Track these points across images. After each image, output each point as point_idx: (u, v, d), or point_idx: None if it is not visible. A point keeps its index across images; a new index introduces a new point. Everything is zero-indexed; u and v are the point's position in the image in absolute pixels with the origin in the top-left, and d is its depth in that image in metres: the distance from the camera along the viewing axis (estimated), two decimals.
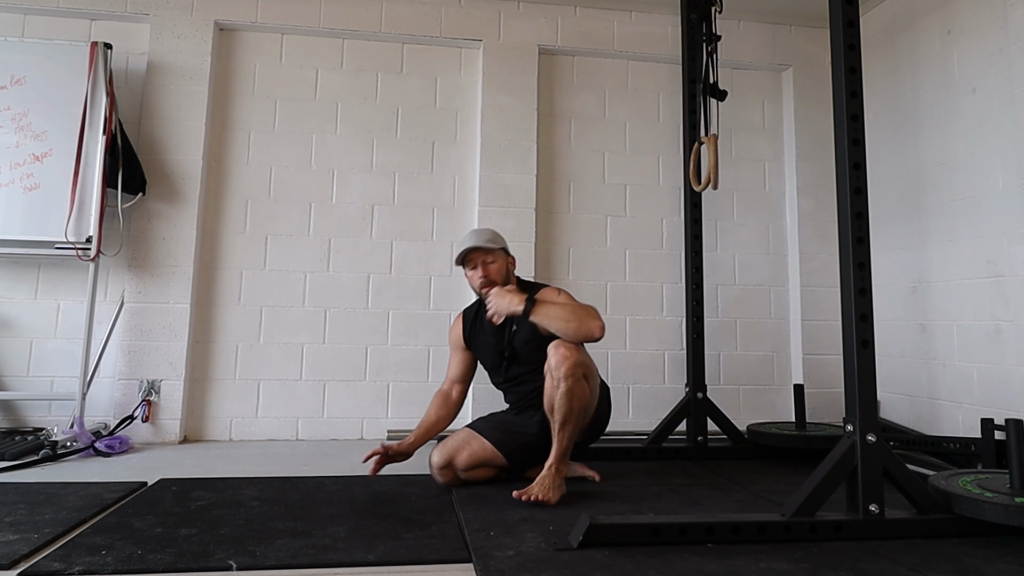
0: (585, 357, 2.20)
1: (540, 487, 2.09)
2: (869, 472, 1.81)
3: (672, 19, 3.66)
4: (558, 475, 2.13)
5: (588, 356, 2.24)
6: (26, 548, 1.62)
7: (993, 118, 2.82)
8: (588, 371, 2.20)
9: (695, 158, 3.03)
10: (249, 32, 3.43)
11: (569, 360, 2.11)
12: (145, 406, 3.04)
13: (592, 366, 2.26)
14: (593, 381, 2.25)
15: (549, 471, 2.13)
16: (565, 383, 2.10)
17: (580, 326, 2.12)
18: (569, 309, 2.17)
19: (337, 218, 3.38)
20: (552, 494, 2.07)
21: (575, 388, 2.11)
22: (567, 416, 2.12)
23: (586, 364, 2.19)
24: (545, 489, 2.08)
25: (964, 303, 2.93)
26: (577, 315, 2.14)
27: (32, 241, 2.89)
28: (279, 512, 1.97)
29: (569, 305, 2.22)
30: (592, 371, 2.25)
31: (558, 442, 2.14)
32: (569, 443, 2.16)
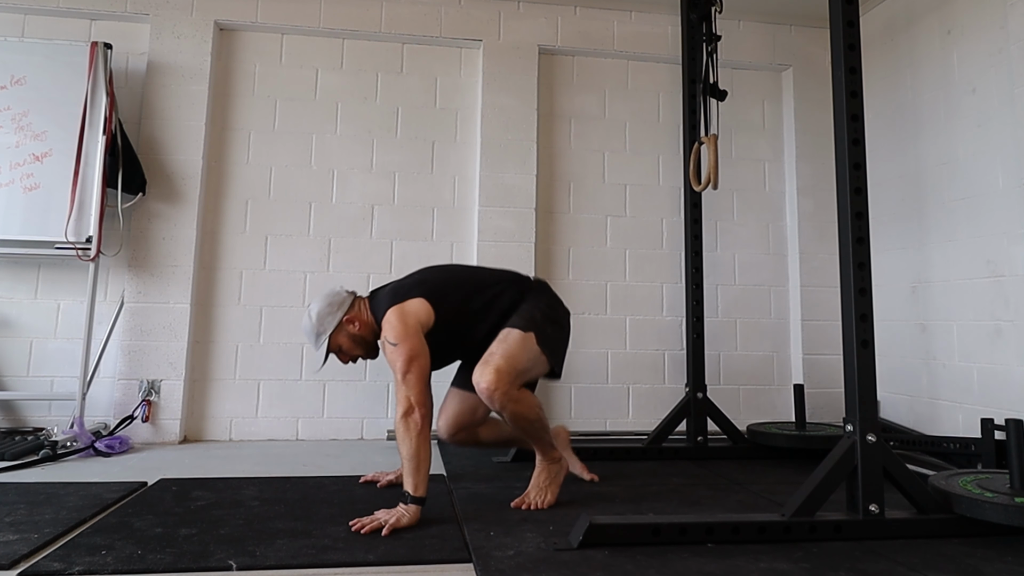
0: (504, 377, 1.98)
1: (535, 491, 2.08)
2: (869, 472, 1.81)
3: (672, 19, 3.66)
4: (550, 467, 2.12)
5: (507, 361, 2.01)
6: (26, 548, 1.62)
7: (993, 118, 2.82)
8: (512, 387, 2.00)
9: (695, 158, 3.03)
10: (249, 32, 3.43)
11: (489, 393, 1.96)
12: (145, 406, 3.04)
13: (516, 367, 2.02)
14: (523, 393, 2.06)
15: (540, 469, 2.13)
16: (505, 412, 2.02)
17: (410, 448, 1.90)
18: (408, 451, 1.90)
19: (337, 218, 3.38)
20: (548, 496, 2.07)
21: (516, 410, 2.01)
22: (527, 429, 2.07)
23: (510, 382, 1.99)
24: (541, 492, 2.08)
25: (964, 303, 2.93)
26: (412, 449, 1.90)
27: (32, 241, 2.89)
28: (279, 512, 1.97)
29: (404, 449, 1.92)
30: (519, 374, 2.04)
31: (536, 447, 2.14)
32: (545, 437, 2.12)
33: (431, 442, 1.96)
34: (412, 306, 2.07)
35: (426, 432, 1.92)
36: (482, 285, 2.20)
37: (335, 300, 2.19)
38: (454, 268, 2.33)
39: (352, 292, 2.24)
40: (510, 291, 2.20)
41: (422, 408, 1.92)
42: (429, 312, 2.08)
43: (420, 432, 1.90)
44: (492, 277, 2.26)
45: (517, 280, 2.26)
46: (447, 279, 2.21)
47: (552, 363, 2.16)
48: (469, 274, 2.28)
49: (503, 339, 2.07)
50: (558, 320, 2.22)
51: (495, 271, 2.32)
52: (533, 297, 2.21)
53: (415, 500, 1.87)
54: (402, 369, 1.97)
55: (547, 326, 2.14)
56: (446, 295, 2.14)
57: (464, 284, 2.20)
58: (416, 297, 2.09)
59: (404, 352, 1.98)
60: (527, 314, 2.14)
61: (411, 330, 2.02)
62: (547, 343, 2.12)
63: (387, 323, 2.05)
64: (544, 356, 2.11)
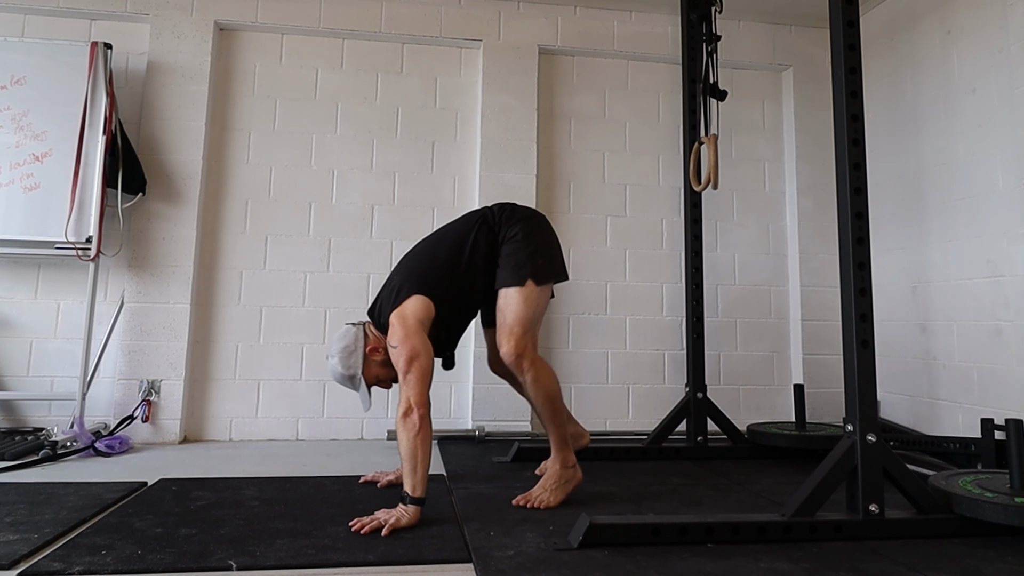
0: (521, 338, 2.08)
1: (540, 490, 2.08)
2: (869, 472, 1.81)
3: (672, 19, 3.66)
4: (562, 472, 2.12)
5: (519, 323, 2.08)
6: (26, 548, 1.62)
7: (993, 118, 2.82)
8: (532, 344, 2.11)
9: (695, 158, 3.03)
10: (249, 32, 3.43)
11: (511, 358, 2.07)
12: (145, 406, 3.04)
13: (528, 320, 2.10)
14: (545, 366, 2.15)
15: (552, 470, 2.13)
16: (527, 377, 2.09)
17: (409, 449, 1.91)
18: (406, 451, 1.91)
19: (337, 218, 3.38)
20: (552, 497, 2.07)
21: (536, 376, 2.09)
22: (545, 406, 2.11)
23: (529, 339, 2.09)
24: (545, 492, 2.07)
25: (964, 303, 2.93)
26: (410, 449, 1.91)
27: (32, 241, 2.89)
28: (279, 512, 1.97)
29: (405, 449, 1.92)
30: (533, 324, 2.13)
31: (552, 439, 2.14)
32: (561, 430, 2.13)
33: (431, 442, 1.96)
34: (410, 306, 2.08)
35: (424, 433, 1.92)
36: (457, 247, 2.19)
37: (349, 339, 2.20)
38: (424, 247, 2.28)
39: (357, 323, 2.26)
40: (482, 236, 2.20)
41: (420, 408, 1.93)
42: (428, 305, 2.10)
43: (418, 433, 1.90)
44: (459, 233, 2.23)
45: (480, 220, 2.23)
46: (426, 262, 2.20)
47: (556, 281, 2.21)
48: (440, 244, 2.24)
49: (505, 303, 2.12)
50: (540, 242, 2.20)
51: (456, 225, 2.28)
52: (506, 231, 2.20)
53: (414, 501, 1.87)
54: (403, 369, 1.98)
55: (535, 259, 2.15)
56: (433, 278, 2.15)
57: (443, 258, 2.19)
58: (410, 296, 2.10)
59: (404, 352, 1.99)
60: (512, 261, 2.14)
61: (411, 330, 2.03)
62: (542, 274, 2.15)
63: (391, 329, 2.08)
64: (547, 286, 2.17)
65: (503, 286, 2.13)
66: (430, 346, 2.05)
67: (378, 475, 2.37)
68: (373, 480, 2.35)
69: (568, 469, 2.13)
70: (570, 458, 2.14)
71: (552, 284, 2.21)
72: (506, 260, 2.16)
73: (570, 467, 2.14)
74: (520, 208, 2.29)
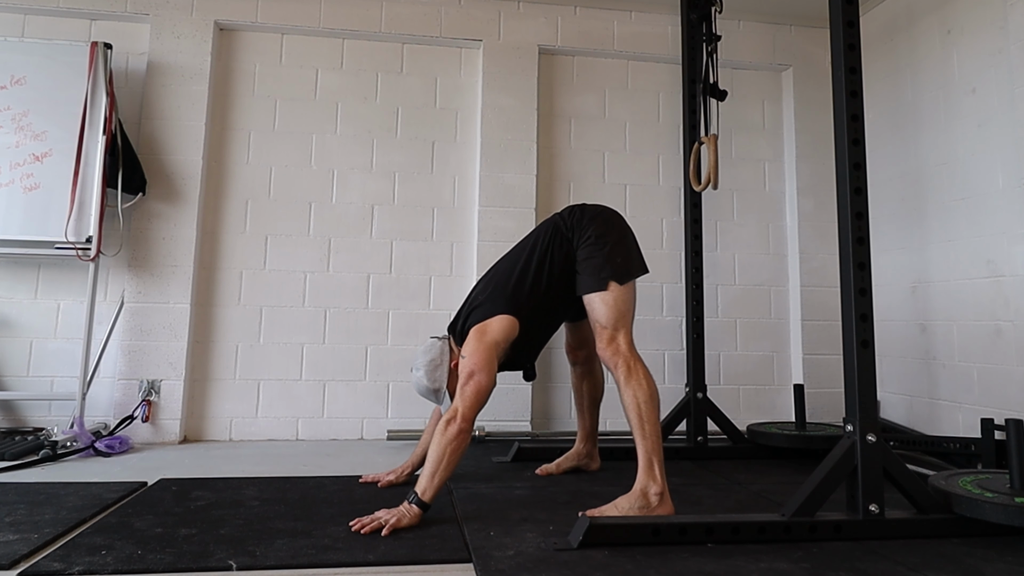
0: (616, 338, 2.06)
1: (612, 508, 1.91)
2: (869, 472, 1.81)
3: (672, 19, 3.66)
4: (639, 499, 1.91)
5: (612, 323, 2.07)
6: (26, 548, 1.62)
7: (993, 118, 2.82)
8: (629, 342, 2.08)
9: (695, 158, 3.03)
10: (249, 32, 3.43)
11: (611, 359, 2.04)
12: (145, 406, 3.04)
13: (620, 319, 2.09)
14: (645, 371, 2.06)
15: (633, 491, 1.93)
16: (622, 378, 2.01)
17: (438, 453, 1.91)
18: (434, 454, 1.92)
19: (337, 218, 3.38)
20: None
21: (629, 378, 2.00)
22: (630, 408, 1.98)
23: (624, 336, 2.07)
24: (612, 512, 1.89)
25: (964, 303, 2.93)
26: (438, 454, 1.91)
27: (32, 241, 2.89)
28: (279, 512, 1.97)
29: (433, 452, 1.93)
30: (626, 321, 2.11)
31: (638, 451, 1.96)
32: (649, 445, 1.94)
33: (460, 457, 1.95)
34: (494, 324, 2.11)
35: (458, 445, 1.92)
36: (536, 263, 2.20)
37: (435, 353, 2.22)
38: (505, 265, 2.28)
39: (441, 337, 2.28)
40: (556, 246, 2.20)
41: (465, 423, 1.93)
42: (513, 324, 2.12)
43: (453, 442, 1.91)
44: (536, 247, 2.23)
45: (553, 230, 2.24)
46: (509, 280, 2.20)
47: (637, 276, 2.17)
48: (520, 261, 2.23)
49: (591, 308, 2.11)
50: (614, 240, 2.17)
51: (532, 239, 2.28)
52: (579, 235, 2.19)
53: (420, 504, 1.87)
54: (462, 381, 2.01)
55: (613, 258, 2.13)
56: (517, 296, 2.16)
57: (524, 275, 2.19)
58: (497, 315, 2.12)
59: (468, 366, 2.02)
60: (590, 266, 2.14)
61: (484, 347, 2.05)
62: (622, 273, 2.12)
63: (468, 339, 2.11)
64: (630, 282, 2.14)
65: (586, 292, 2.13)
66: (495, 368, 2.06)
67: (378, 475, 2.37)
68: (373, 480, 2.35)
69: (648, 496, 1.90)
70: (654, 484, 1.91)
71: (635, 279, 2.18)
72: (584, 265, 2.16)
73: (653, 494, 1.90)
74: (589, 208, 2.27)
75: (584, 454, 2.58)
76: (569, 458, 2.56)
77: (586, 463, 2.58)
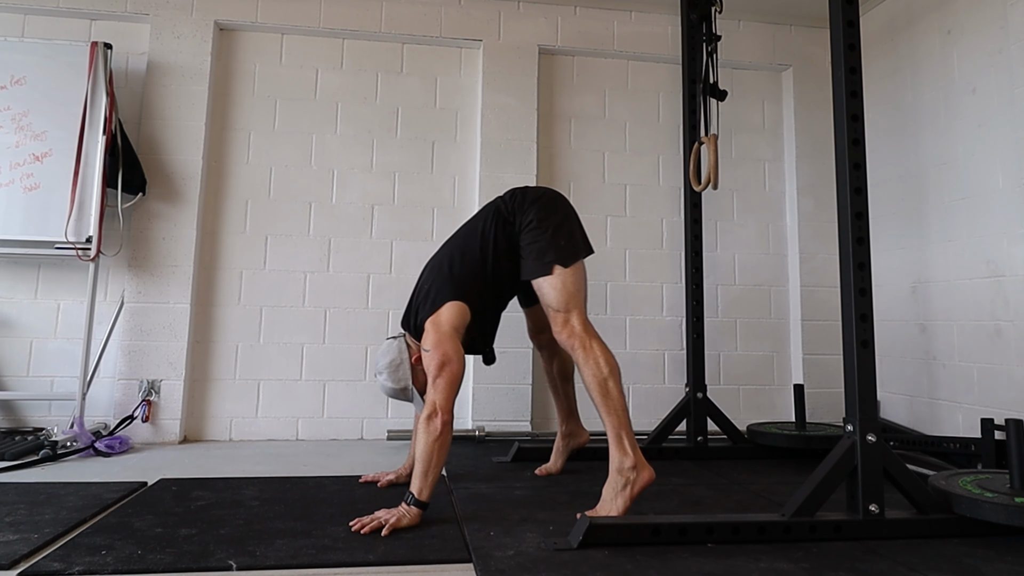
0: (568, 318, 2.06)
1: (601, 504, 1.92)
2: (869, 472, 1.81)
3: (672, 19, 3.66)
4: (616, 478, 1.91)
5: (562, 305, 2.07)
6: (26, 548, 1.62)
7: (993, 118, 2.82)
8: (583, 321, 2.07)
9: (695, 158, 3.03)
10: (249, 32, 3.43)
11: (566, 340, 2.03)
12: (145, 406, 3.04)
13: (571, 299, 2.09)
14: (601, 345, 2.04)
15: (610, 477, 1.94)
16: (576, 356, 2.01)
17: (425, 452, 1.90)
18: (421, 453, 1.91)
19: (337, 218, 3.38)
20: (613, 508, 1.89)
21: (587, 357, 1.99)
22: (592, 386, 1.97)
23: (578, 316, 2.06)
24: (605, 505, 1.91)
25: (964, 303, 2.92)
26: (427, 452, 1.90)
27: (32, 241, 2.89)
28: (279, 512, 1.97)
29: (421, 450, 1.92)
30: (577, 301, 2.10)
31: (607, 430, 1.96)
32: (616, 422, 1.94)
33: (448, 450, 1.95)
34: (445, 312, 2.09)
35: (444, 439, 1.91)
36: (479, 246, 2.18)
37: (394, 353, 2.22)
38: (447, 250, 2.25)
39: (396, 336, 2.28)
40: (500, 229, 2.19)
41: (445, 415, 1.92)
42: (464, 310, 2.11)
43: (437, 438, 1.90)
44: (477, 231, 2.22)
45: (495, 213, 2.22)
46: (454, 266, 2.18)
47: (582, 257, 2.18)
48: (462, 245, 2.22)
49: (540, 293, 2.11)
50: (556, 223, 2.16)
51: (473, 224, 2.27)
52: (521, 219, 2.18)
53: (418, 503, 1.87)
54: (433, 374, 1.98)
55: (557, 242, 2.12)
56: (464, 281, 2.15)
57: (468, 259, 2.18)
58: (446, 303, 2.10)
59: (436, 357, 2.00)
60: (534, 251, 2.13)
61: (444, 336, 2.04)
62: (567, 255, 2.11)
63: (425, 333, 2.09)
64: (578, 269, 2.14)
65: (532, 277, 2.12)
66: (462, 353, 2.05)
67: (378, 475, 2.37)
68: (373, 480, 2.35)
69: (624, 472, 1.91)
70: (627, 459, 1.91)
71: (581, 261, 2.18)
72: (528, 250, 2.14)
73: (628, 468, 1.90)
74: (531, 191, 2.26)
75: (568, 433, 2.54)
76: (559, 450, 2.54)
77: (575, 441, 2.53)
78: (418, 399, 2.20)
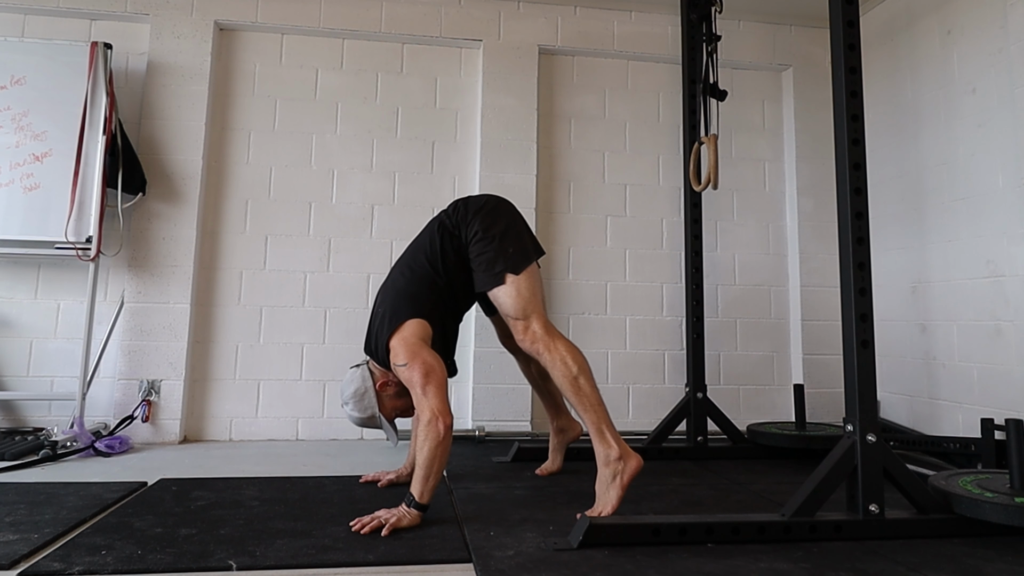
0: (528, 323, 2.04)
1: (597, 501, 1.92)
2: (869, 472, 1.81)
3: (672, 19, 3.66)
4: (604, 471, 1.92)
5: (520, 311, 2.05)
6: (26, 548, 1.62)
7: (993, 118, 2.82)
8: (543, 324, 2.06)
9: (695, 158, 3.03)
10: (249, 32, 3.43)
11: (529, 345, 2.03)
12: (145, 406, 3.04)
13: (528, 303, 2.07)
14: (566, 343, 2.05)
15: (598, 474, 1.95)
16: (543, 358, 2.00)
17: (428, 457, 1.90)
18: (424, 459, 1.90)
19: (337, 218, 3.38)
20: (606, 503, 1.90)
21: (554, 356, 1.99)
22: (563, 383, 1.98)
23: (537, 319, 2.05)
24: (599, 501, 1.92)
25: (964, 303, 2.93)
26: (429, 456, 1.89)
27: (32, 241, 2.89)
28: (279, 512, 1.97)
29: (421, 456, 1.91)
30: (535, 304, 2.09)
31: (587, 426, 1.98)
32: (594, 416, 1.95)
33: (448, 454, 1.94)
34: (408, 328, 2.08)
35: (446, 443, 1.91)
36: (429, 262, 2.17)
37: (358, 382, 2.20)
38: (400, 270, 2.24)
39: (359, 364, 2.26)
40: (447, 243, 2.17)
41: (446, 418, 1.92)
42: (424, 325, 2.10)
43: (440, 442, 1.89)
44: (425, 248, 2.20)
45: (440, 228, 2.21)
46: (408, 285, 2.17)
47: (533, 261, 2.15)
48: (412, 264, 2.21)
49: (497, 303, 2.10)
50: (502, 231, 2.14)
51: (420, 241, 2.25)
52: (466, 232, 2.16)
53: (418, 506, 1.87)
54: (420, 384, 1.96)
55: (505, 250, 2.11)
56: (419, 299, 2.13)
57: (420, 276, 2.16)
58: (405, 321, 2.09)
59: (418, 367, 1.98)
60: (483, 262, 2.11)
61: (417, 347, 2.03)
62: (517, 263, 2.09)
63: (393, 352, 2.06)
64: (531, 266, 2.12)
65: (485, 289, 2.11)
66: (440, 358, 2.05)
67: (379, 475, 2.37)
68: (374, 480, 2.35)
69: (611, 464, 1.92)
70: (611, 451, 1.92)
71: (533, 264, 2.15)
72: (477, 262, 2.13)
73: (614, 460, 1.92)
74: (472, 201, 2.24)
75: (560, 428, 2.52)
76: (555, 447, 2.53)
77: (569, 435, 2.51)
78: (386, 426, 2.20)
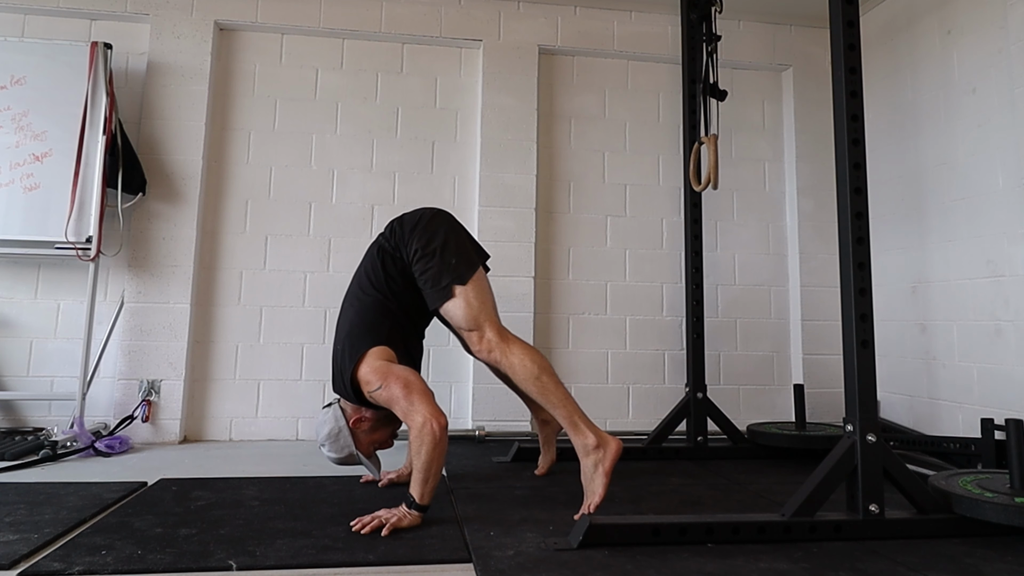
0: (483, 332, 2.06)
1: (586, 494, 1.94)
2: (869, 472, 1.81)
3: (672, 19, 3.66)
4: (584, 462, 1.94)
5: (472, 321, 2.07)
6: (26, 548, 1.62)
7: (993, 118, 2.82)
8: (497, 330, 2.08)
9: (695, 158, 3.03)
10: (249, 32, 3.43)
11: (486, 354, 2.05)
12: (145, 406, 3.04)
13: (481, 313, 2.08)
14: (521, 346, 2.07)
15: (582, 464, 1.95)
16: (503, 366, 2.03)
17: (426, 460, 1.90)
18: (422, 462, 1.90)
19: (337, 218, 3.38)
20: (593, 494, 1.91)
21: (512, 361, 2.01)
22: (527, 384, 1.99)
23: (491, 327, 2.07)
24: (587, 494, 1.93)
25: (964, 303, 2.93)
26: (427, 459, 1.90)
27: (32, 241, 2.89)
28: (279, 512, 1.97)
29: (419, 460, 1.92)
30: (488, 312, 2.11)
31: (560, 421, 1.99)
32: (564, 410, 1.97)
33: (445, 455, 1.95)
34: (370, 357, 2.07)
35: (443, 445, 1.91)
36: (376, 288, 2.16)
37: (331, 422, 2.17)
38: (350, 302, 2.22)
39: (330, 403, 2.24)
40: (390, 265, 2.17)
41: (440, 419, 1.91)
42: (386, 351, 2.09)
43: (436, 444, 1.89)
44: (370, 274, 2.19)
45: (379, 252, 2.21)
46: (361, 315, 2.15)
47: (478, 265, 2.15)
48: (360, 293, 2.19)
49: (449, 316, 2.10)
50: (441, 245, 2.13)
51: (364, 268, 2.25)
52: (406, 252, 2.16)
53: (419, 508, 1.87)
54: (403, 395, 1.95)
55: (447, 262, 2.10)
56: (375, 326, 2.12)
57: (370, 303, 2.15)
58: (366, 352, 2.08)
59: (394, 383, 1.98)
60: (429, 279, 2.10)
61: (385, 368, 2.03)
62: (463, 273, 2.09)
63: (363, 383, 2.04)
64: (477, 272, 2.12)
65: (437, 306, 2.11)
66: (413, 369, 2.07)
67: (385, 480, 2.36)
68: (374, 479, 2.35)
69: (591, 454, 1.93)
70: (588, 440, 1.93)
71: (479, 270, 2.15)
72: (423, 280, 2.12)
73: (592, 449, 1.93)
74: (407, 218, 2.23)
75: (544, 420, 2.47)
76: (544, 440, 2.49)
77: (554, 425, 2.46)
78: (366, 462, 2.19)
